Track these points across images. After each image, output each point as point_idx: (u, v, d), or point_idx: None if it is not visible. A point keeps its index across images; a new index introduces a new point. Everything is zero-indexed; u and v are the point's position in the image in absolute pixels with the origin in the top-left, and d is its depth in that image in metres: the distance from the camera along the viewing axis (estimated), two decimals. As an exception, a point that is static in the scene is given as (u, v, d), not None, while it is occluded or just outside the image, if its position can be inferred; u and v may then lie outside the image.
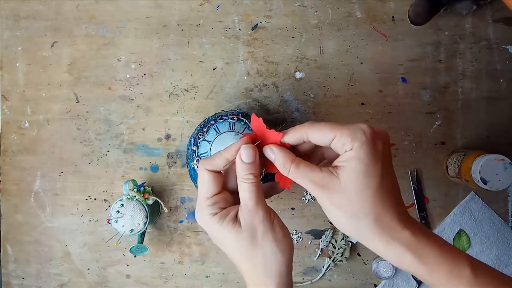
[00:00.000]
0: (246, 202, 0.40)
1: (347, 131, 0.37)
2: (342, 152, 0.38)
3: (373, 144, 0.37)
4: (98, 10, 0.69)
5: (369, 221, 0.37)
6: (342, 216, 0.38)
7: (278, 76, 0.68)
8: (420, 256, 0.37)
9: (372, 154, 0.37)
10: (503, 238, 0.66)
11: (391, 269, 0.65)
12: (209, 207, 0.40)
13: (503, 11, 0.66)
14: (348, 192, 0.37)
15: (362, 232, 0.38)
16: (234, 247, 0.40)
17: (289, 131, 0.41)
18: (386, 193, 0.38)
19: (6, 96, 0.70)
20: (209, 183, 0.41)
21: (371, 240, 0.38)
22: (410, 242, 0.37)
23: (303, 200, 0.68)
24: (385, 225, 0.37)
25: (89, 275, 0.70)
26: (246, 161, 0.40)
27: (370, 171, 0.37)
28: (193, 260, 0.69)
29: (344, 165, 0.37)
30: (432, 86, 0.67)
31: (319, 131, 0.39)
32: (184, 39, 0.69)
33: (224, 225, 0.40)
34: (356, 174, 0.37)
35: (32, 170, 0.70)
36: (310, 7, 0.68)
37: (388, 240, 0.37)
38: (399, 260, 0.37)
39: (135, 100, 0.69)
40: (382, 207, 0.37)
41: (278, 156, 0.40)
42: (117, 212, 0.61)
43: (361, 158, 0.37)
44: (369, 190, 0.37)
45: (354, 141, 0.37)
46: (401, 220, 0.38)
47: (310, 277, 0.68)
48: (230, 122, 0.56)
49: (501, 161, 0.56)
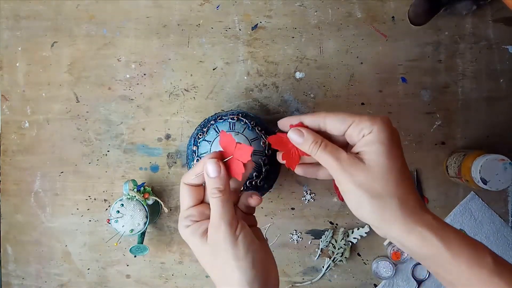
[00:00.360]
0: (212, 217, 0.40)
1: (367, 116, 0.39)
2: (360, 138, 0.39)
3: (391, 131, 0.39)
4: (98, 10, 0.69)
5: (394, 202, 0.37)
6: (365, 196, 0.37)
7: (278, 76, 0.68)
8: (444, 239, 0.36)
9: (391, 139, 0.38)
10: (503, 238, 0.66)
11: (391, 269, 0.65)
12: (184, 219, 0.42)
13: (503, 11, 0.66)
14: (373, 173, 0.37)
15: (384, 214, 0.37)
16: (201, 259, 0.41)
17: (307, 116, 0.42)
18: (407, 177, 0.38)
19: (6, 96, 0.70)
20: (184, 196, 0.42)
21: (392, 223, 0.37)
22: (433, 225, 0.37)
23: (303, 200, 0.68)
24: (409, 208, 0.37)
25: (89, 275, 0.70)
26: (210, 175, 0.40)
27: (393, 154, 0.38)
28: (193, 260, 0.69)
29: (365, 149, 0.38)
30: (432, 86, 0.67)
31: (338, 117, 0.40)
32: (184, 39, 0.69)
33: (194, 237, 0.40)
34: (379, 156, 0.37)
35: (32, 170, 0.70)
36: (310, 7, 0.68)
37: (411, 223, 0.37)
38: (421, 244, 0.36)
39: (135, 100, 0.69)
40: (405, 189, 0.38)
41: (308, 136, 0.40)
42: (117, 212, 0.61)
43: (383, 141, 0.38)
44: (393, 172, 0.37)
45: (374, 125, 0.38)
46: (421, 204, 0.38)
47: (310, 277, 0.68)
48: (230, 122, 0.56)
49: (501, 161, 0.56)
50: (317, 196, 0.68)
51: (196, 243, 0.41)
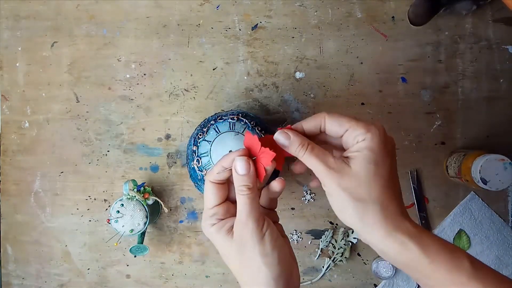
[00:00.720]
0: (239, 213, 0.40)
1: (362, 123, 0.39)
2: (354, 143, 0.39)
3: (384, 139, 0.39)
4: (98, 10, 0.69)
5: (375, 207, 0.38)
6: (348, 200, 0.38)
7: (278, 76, 0.68)
8: (423, 245, 0.37)
9: (383, 148, 0.39)
10: (503, 238, 0.66)
11: (391, 269, 0.65)
12: (209, 217, 0.42)
13: (503, 11, 0.66)
14: (358, 177, 0.38)
15: (365, 218, 0.38)
16: (227, 256, 0.41)
17: (307, 119, 0.42)
18: (392, 186, 0.39)
19: (6, 96, 0.70)
20: (209, 194, 0.42)
21: (373, 228, 0.38)
22: (412, 232, 0.37)
23: (303, 200, 0.68)
24: (389, 214, 0.38)
25: (89, 275, 0.70)
26: (240, 173, 0.40)
27: (381, 162, 0.38)
28: (193, 260, 0.69)
29: (356, 154, 0.39)
30: (432, 86, 0.67)
31: (337, 120, 0.40)
32: (184, 39, 0.69)
33: (220, 235, 0.41)
34: (367, 162, 0.38)
35: (32, 170, 0.70)
36: (310, 7, 0.68)
37: (391, 229, 0.37)
38: (400, 250, 0.37)
39: (135, 100, 0.69)
40: (389, 196, 0.38)
41: (295, 139, 0.41)
42: (117, 212, 0.61)
43: (373, 149, 0.38)
44: (378, 178, 0.38)
45: (368, 133, 0.39)
46: (403, 212, 0.39)
47: (310, 277, 0.68)
48: (230, 122, 0.56)
49: (501, 161, 0.56)
50: (317, 196, 0.68)
51: (221, 241, 0.41)
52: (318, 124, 0.42)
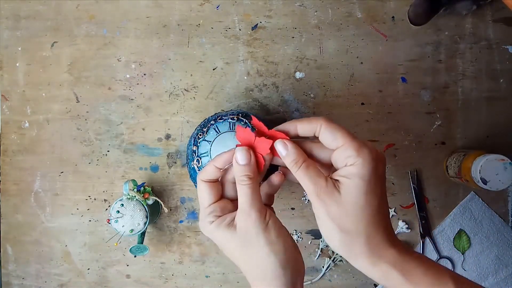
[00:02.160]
0: (241, 204, 0.40)
1: (355, 144, 0.38)
2: (343, 165, 0.38)
3: (376, 165, 0.38)
4: (98, 10, 0.69)
5: (361, 240, 0.38)
6: (335, 229, 0.38)
7: (278, 76, 0.68)
8: (405, 273, 0.37)
9: (374, 175, 0.37)
10: (503, 238, 0.66)
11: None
12: (207, 216, 0.41)
13: (503, 11, 0.66)
14: (347, 207, 0.37)
15: (351, 249, 0.38)
16: (231, 250, 0.41)
17: (303, 120, 0.41)
18: (381, 214, 0.39)
19: (6, 96, 0.70)
20: (204, 193, 0.42)
21: (358, 258, 0.38)
22: (396, 260, 0.38)
23: (303, 200, 0.68)
24: (374, 245, 0.38)
25: (89, 275, 0.70)
26: (240, 163, 0.40)
27: (371, 191, 0.37)
28: (193, 260, 0.69)
29: (346, 181, 0.38)
30: (432, 86, 0.67)
31: (332, 132, 0.39)
32: (184, 39, 0.69)
33: (221, 229, 0.40)
34: (357, 192, 0.37)
35: (32, 170, 0.70)
36: (310, 7, 0.68)
37: (375, 259, 0.38)
38: (385, 278, 0.38)
39: (135, 100, 0.69)
40: (375, 227, 0.38)
41: (292, 152, 0.40)
42: (117, 212, 0.61)
43: (364, 177, 0.37)
44: (367, 209, 0.38)
45: (359, 158, 0.37)
46: (389, 239, 0.39)
47: (310, 277, 0.68)
48: (230, 122, 0.56)
49: (501, 161, 0.56)
50: (317, 196, 0.68)
51: (223, 235, 0.41)
52: (313, 129, 0.40)
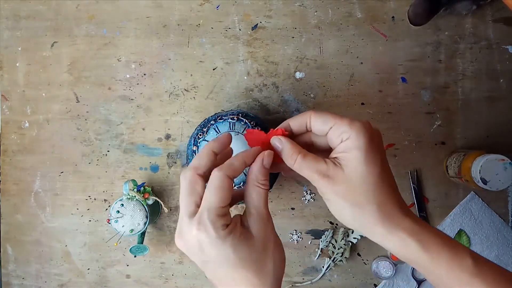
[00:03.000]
0: (259, 209, 0.39)
1: (346, 120, 0.38)
2: (338, 142, 0.39)
3: (370, 135, 0.38)
4: (98, 10, 0.69)
5: (372, 209, 0.37)
6: (345, 206, 0.38)
7: (278, 76, 0.68)
8: (423, 243, 0.37)
9: (370, 144, 0.38)
10: (503, 238, 0.66)
11: (391, 269, 0.65)
12: (222, 217, 0.37)
13: (503, 11, 0.66)
14: (351, 181, 0.38)
15: (364, 221, 0.38)
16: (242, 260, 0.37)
17: (295, 118, 0.42)
18: (386, 182, 0.38)
19: (6, 96, 0.70)
20: (227, 191, 0.37)
21: (373, 229, 0.38)
22: (412, 229, 0.37)
23: (303, 200, 0.68)
24: (387, 213, 0.38)
25: (89, 275, 0.70)
26: (266, 167, 0.40)
27: (371, 160, 0.38)
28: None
29: (344, 155, 0.38)
30: (432, 86, 0.67)
31: (321, 118, 0.40)
32: (184, 39, 0.69)
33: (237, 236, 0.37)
34: (357, 163, 0.37)
35: (32, 170, 0.70)
36: (310, 7, 0.68)
37: (391, 227, 0.37)
38: (401, 247, 0.37)
39: (135, 100, 0.69)
40: (384, 195, 0.38)
41: (286, 146, 0.40)
42: (117, 212, 0.61)
43: (360, 147, 0.37)
44: (370, 178, 0.38)
45: (352, 130, 0.38)
46: (401, 208, 0.38)
47: (310, 277, 0.68)
48: (230, 122, 0.56)
49: (501, 161, 0.56)
50: (317, 196, 0.68)
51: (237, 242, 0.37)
52: (304, 122, 0.41)
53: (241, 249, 0.37)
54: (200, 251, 0.37)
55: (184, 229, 0.37)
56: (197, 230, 0.36)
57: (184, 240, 0.38)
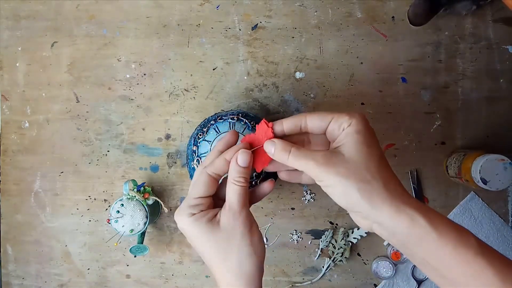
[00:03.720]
0: (232, 203, 0.41)
1: (345, 112, 0.40)
2: (340, 132, 0.40)
3: (367, 123, 0.40)
4: (98, 10, 0.69)
5: (379, 185, 0.38)
6: (351, 184, 0.38)
7: (278, 76, 0.68)
8: (431, 220, 0.37)
9: (369, 129, 0.40)
10: (503, 238, 0.66)
11: (391, 269, 0.65)
12: (190, 207, 0.42)
13: (503, 11, 0.66)
14: (354, 162, 0.38)
15: (372, 197, 0.38)
16: (209, 247, 0.41)
17: (287, 118, 0.43)
18: (387, 165, 0.40)
19: (6, 96, 0.70)
20: (202, 185, 0.42)
21: (381, 206, 0.38)
22: (420, 207, 0.38)
23: (303, 200, 0.68)
24: (394, 190, 0.38)
25: (89, 275, 0.70)
26: (241, 165, 0.42)
27: (372, 142, 0.39)
28: (193, 260, 0.69)
29: (345, 141, 0.39)
30: (432, 86, 0.67)
31: (318, 115, 0.41)
32: (184, 39, 0.69)
33: (202, 223, 0.41)
34: (358, 145, 0.39)
35: (32, 170, 0.70)
36: (310, 7, 0.68)
37: (399, 204, 0.38)
38: (409, 224, 0.37)
39: (135, 100, 0.69)
40: (388, 174, 0.39)
41: (278, 144, 0.41)
42: (117, 212, 0.61)
43: (361, 131, 0.39)
44: (373, 157, 0.39)
45: (352, 118, 0.40)
46: (404, 189, 0.39)
47: (310, 277, 0.68)
48: (230, 122, 0.56)
49: (501, 161, 0.56)
50: (317, 196, 0.68)
51: (201, 230, 0.41)
52: (299, 122, 0.42)
53: (204, 235, 0.41)
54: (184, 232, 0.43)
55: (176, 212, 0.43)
56: (176, 215, 0.43)
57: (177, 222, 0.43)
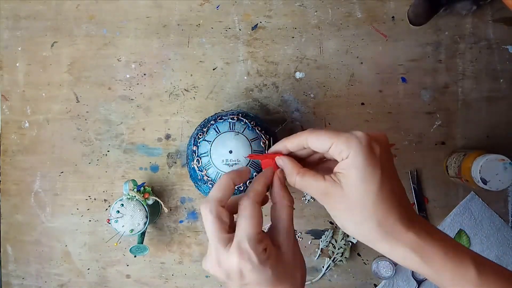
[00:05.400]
0: (288, 227, 0.42)
1: (343, 139, 0.38)
2: (340, 159, 0.39)
3: (369, 150, 0.38)
4: (98, 10, 0.69)
5: (372, 226, 0.38)
6: (347, 220, 0.39)
7: (278, 76, 0.68)
8: (425, 257, 0.37)
9: (369, 161, 0.37)
10: (503, 238, 0.66)
11: (391, 269, 0.65)
12: (261, 243, 0.39)
13: (503, 11, 0.66)
14: (350, 199, 0.38)
15: (367, 236, 0.39)
16: (280, 277, 0.40)
17: (290, 138, 0.42)
18: (388, 197, 0.38)
19: (6, 96, 0.70)
20: (259, 217, 0.39)
21: (376, 244, 0.39)
22: (414, 243, 0.38)
23: (303, 200, 0.68)
24: (388, 229, 0.38)
25: (89, 275, 0.70)
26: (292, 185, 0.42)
27: (368, 178, 0.37)
28: (193, 260, 0.69)
29: (344, 173, 0.38)
30: (432, 86, 0.67)
31: (318, 139, 0.40)
32: (184, 39, 0.69)
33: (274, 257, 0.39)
34: (355, 181, 0.38)
35: (32, 170, 0.70)
36: (310, 7, 0.68)
37: (393, 242, 0.38)
38: (405, 261, 0.38)
39: (135, 100, 0.69)
40: (384, 211, 0.38)
41: (286, 166, 0.42)
42: (117, 212, 0.61)
43: (357, 166, 0.37)
44: (369, 196, 0.37)
45: (350, 149, 0.38)
46: (404, 222, 0.38)
47: (310, 277, 0.68)
48: (230, 122, 0.56)
49: (501, 161, 0.56)
50: (317, 196, 0.68)
51: (277, 263, 0.39)
52: (301, 143, 0.41)
53: (278, 268, 0.39)
54: (241, 278, 0.38)
55: (222, 257, 0.39)
56: (239, 259, 0.38)
57: (223, 268, 0.39)
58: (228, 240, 0.39)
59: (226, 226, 0.40)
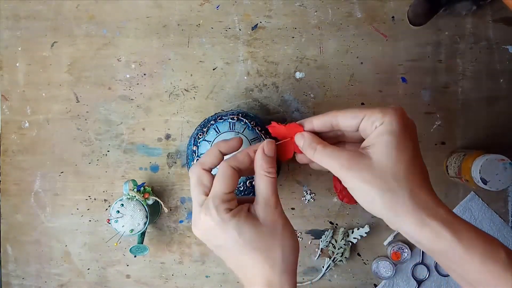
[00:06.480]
0: (267, 196, 0.40)
1: (378, 109, 0.38)
2: (372, 130, 0.38)
3: (404, 122, 0.38)
4: (98, 10, 0.69)
5: (405, 196, 0.36)
6: (375, 191, 0.37)
7: (278, 76, 0.68)
8: (457, 233, 0.35)
9: (403, 129, 0.37)
10: (503, 238, 0.66)
11: (391, 269, 0.65)
12: (226, 202, 0.39)
13: (503, 11, 0.66)
14: (381, 167, 0.36)
15: (395, 208, 0.36)
16: (250, 243, 0.39)
17: (317, 116, 0.42)
18: (418, 170, 0.38)
19: (6, 96, 0.70)
20: (228, 179, 0.40)
21: (405, 217, 0.36)
22: (447, 218, 0.36)
23: (303, 200, 0.68)
24: (420, 201, 0.36)
25: (89, 275, 0.70)
26: (269, 155, 0.41)
27: (402, 146, 0.37)
28: (193, 260, 0.69)
29: (375, 141, 0.37)
30: (432, 86, 0.67)
31: (349, 113, 0.39)
32: (184, 39, 0.69)
33: (241, 218, 0.39)
34: (388, 148, 0.37)
35: (32, 170, 0.70)
36: (310, 7, 0.68)
37: (424, 216, 0.36)
38: (433, 238, 0.36)
39: (135, 100, 0.69)
40: (416, 182, 0.37)
41: (307, 138, 0.41)
42: (117, 212, 0.61)
43: (392, 132, 0.37)
44: (402, 164, 0.37)
45: (385, 116, 0.37)
46: (434, 198, 0.37)
47: (310, 277, 0.68)
48: (230, 122, 0.56)
49: (501, 161, 0.56)
50: (317, 196, 0.68)
51: (242, 225, 0.39)
52: (329, 121, 0.41)
53: (246, 231, 0.39)
54: (212, 236, 0.40)
55: (196, 217, 0.40)
56: (204, 215, 0.39)
57: (197, 228, 0.40)
58: (204, 200, 0.40)
59: (206, 189, 0.41)
